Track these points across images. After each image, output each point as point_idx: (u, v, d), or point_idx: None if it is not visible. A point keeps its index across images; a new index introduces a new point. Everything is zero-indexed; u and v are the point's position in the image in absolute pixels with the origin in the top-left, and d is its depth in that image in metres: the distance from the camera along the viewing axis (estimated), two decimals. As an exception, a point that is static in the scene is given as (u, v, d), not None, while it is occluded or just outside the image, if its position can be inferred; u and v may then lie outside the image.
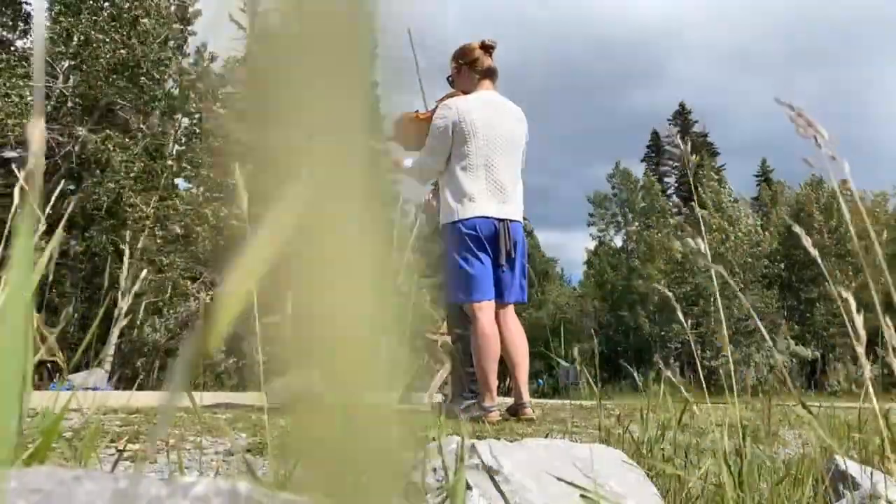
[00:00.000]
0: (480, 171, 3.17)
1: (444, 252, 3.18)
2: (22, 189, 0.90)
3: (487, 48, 3.38)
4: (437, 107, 3.37)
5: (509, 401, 3.46)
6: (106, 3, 16.62)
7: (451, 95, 3.43)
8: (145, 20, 16.56)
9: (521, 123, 3.37)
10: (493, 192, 3.17)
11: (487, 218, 3.14)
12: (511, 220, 3.21)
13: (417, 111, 3.57)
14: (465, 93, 3.38)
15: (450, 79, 3.52)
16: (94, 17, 15.98)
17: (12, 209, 0.96)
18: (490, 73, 3.36)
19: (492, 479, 0.81)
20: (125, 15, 16.27)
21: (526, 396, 3.16)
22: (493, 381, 3.11)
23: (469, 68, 3.37)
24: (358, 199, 0.17)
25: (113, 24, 16.09)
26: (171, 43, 17.30)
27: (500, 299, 3.19)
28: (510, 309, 3.27)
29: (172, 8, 17.82)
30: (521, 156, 3.40)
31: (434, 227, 4.41)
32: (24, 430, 0.68)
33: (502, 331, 3.20)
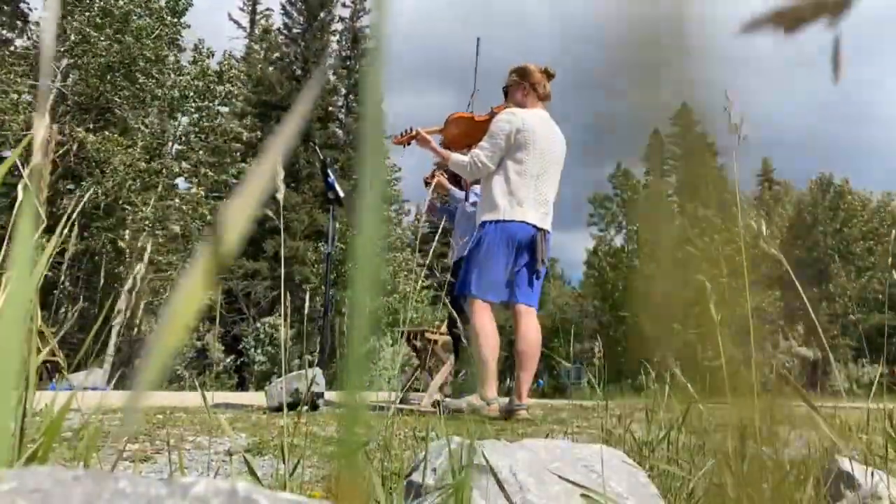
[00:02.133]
0: (532, 180, 3.33)
1: (477, 244, 3.29)
2: (25, 187, 0.90)
3: (549, 75, 3.59)
4: (492, 112, 3.55)
5: (505, 400, 3.48)
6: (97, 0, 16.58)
7: (506, 106, 3.58)
8: (142, 19, 16.56)
9: (563, 146, 3.55)
10: (537, 203, 3.33)
11: (529, 224, 3.27)
12: (547, 231, 3.35)
13: (473, 113, 3.75)
14: (519, 107, 3.53)
15: (505, 90, 3.66)
16: (87, 14, 15.97)
17: (15, 207, 0.96)
18: (545, 97, 3.58)
19: (496, 479, 0.81)
20: (116, 11, 16.25)
21: (524, 399, 3.23)
22: (493, 373, 3.16)
23: (530, 87, 3.55)
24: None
25: (105, 19, 16.08)
26: (164, 38, 17.27)
27: (528, 302, 3.31)
28: (533, 312, 3.36)
29: (163, 2, 17.78)
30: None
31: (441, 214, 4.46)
32: (26, 429, 0.68)
33: (523, 332, 3.28)
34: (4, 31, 17.32)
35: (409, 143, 3.72)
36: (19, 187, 0.92)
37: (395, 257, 24.65)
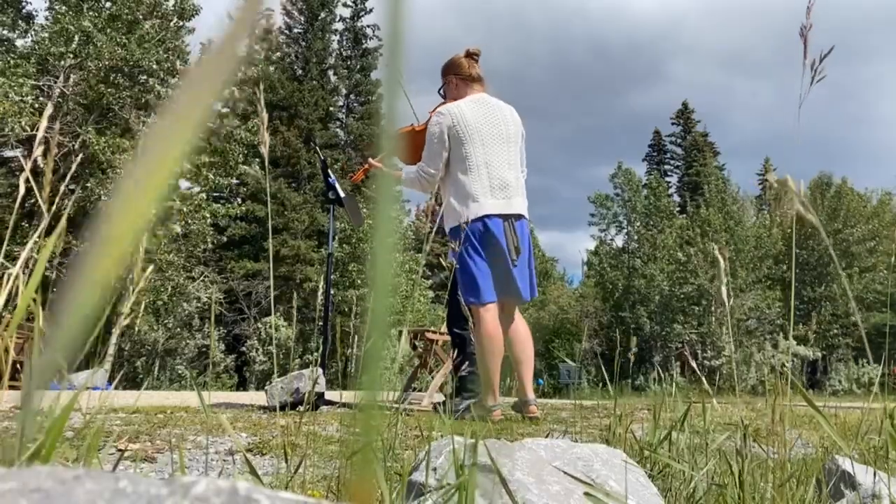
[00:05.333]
0: (482, 170, 3.20)
1: (453, 254, 3.21)
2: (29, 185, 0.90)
3: (472, 55, 3.47)
4: (430, 117, 3.43)
5: (510, 400, 3.47)
6: (107, 3, 16.64)
7: (441, 105, 3.49)
8: (147, 23, 16.57)
9: (514, 119, 3.40)
10: (496, 190, 3.20)
11: (492, 216, 3.16)
12: (516, 218, 3.22)
13: (413, 124, 3.66)
14: (456, 100, 3.41)
15: (441, 92, 3.59)
16: (96, 15, 15.99)
17: (17, 204, 0.96)
18: (478, 79, 3.44)
19: (501, 478, 0.81)
20: (125, 16, 16.27)
21: (531, 394, 3.19)
22: (496, 381, 3.13)
23: (457, 78, 3.45)
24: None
25: (112, 23, 16.10)
26: (168, 43, 17.28)
27: (508, 297, 3.19)
28: (514, 307, 3.28)
29: (171, 3, 17.79)
30: (520, 153, 3.41)
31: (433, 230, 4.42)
32: (27, 428, 0.68)
33: (509, 329, 3.22)
34: (5, 32, 17.34)
35: (366, 175, 3.78)
36: (21, 181, 0.92)
37: (396, 258, 24.63)
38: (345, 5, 30.51)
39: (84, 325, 0.14)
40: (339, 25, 30.78)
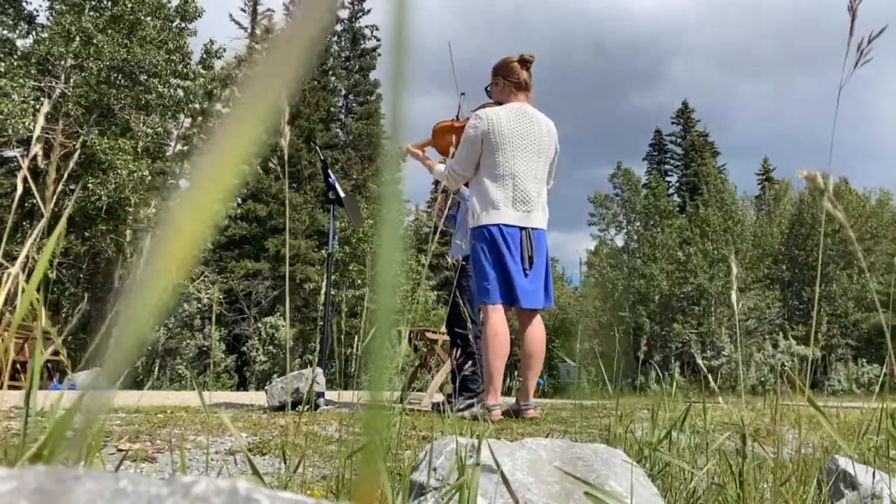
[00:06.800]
0: (508, 180, 3.27)
1: (471, 253, 3.32)
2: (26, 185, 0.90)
3: (525, 62, 3.49)
4: (474, 115, 3.50)
5: (510, 400, 3.48)
6: (108, 3, 16.64)
7: (486, 105, 3.54)
8: (149, 21, 16.56)
9: (550, 135, 3.44)
10: (517, 202, 3.27)
11: (510, 226, 3.23)
12: (534, 229, 3.29)
13: (454, 119, 3.77)
14: (500, 104, 3.47)
15: (488, 89, 3.63)
16: (97, 15, 15.99)
17: (14, 203, 0.96)
18: (524, 86, 3.47)
19: (503, 478, 0.81)
20: (127, 17, 16.28)
21: (531, 399, 3.23)
22: (499, 381, 3.15)
23: (505, 80, 3.47)
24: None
25: (114, 24, 16.10)
26: (169, 45, 17.29)
27: (522, 304, 3.22)
28: (533, 313, 3.31)
29: (174, 3, 17.80)
30: (550, 167, 3.47)
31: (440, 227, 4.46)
32: (29, 429, 0.68)
33: (527, 334, 3.26)
34: (6, 32, 17.33)
35: (403, 159, 3.94)
36: (18, 180, 0.92)
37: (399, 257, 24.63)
38: (343, 6, 30.53)
39: (147, 327, 0.14)
40: (337, 27, 30.83)
